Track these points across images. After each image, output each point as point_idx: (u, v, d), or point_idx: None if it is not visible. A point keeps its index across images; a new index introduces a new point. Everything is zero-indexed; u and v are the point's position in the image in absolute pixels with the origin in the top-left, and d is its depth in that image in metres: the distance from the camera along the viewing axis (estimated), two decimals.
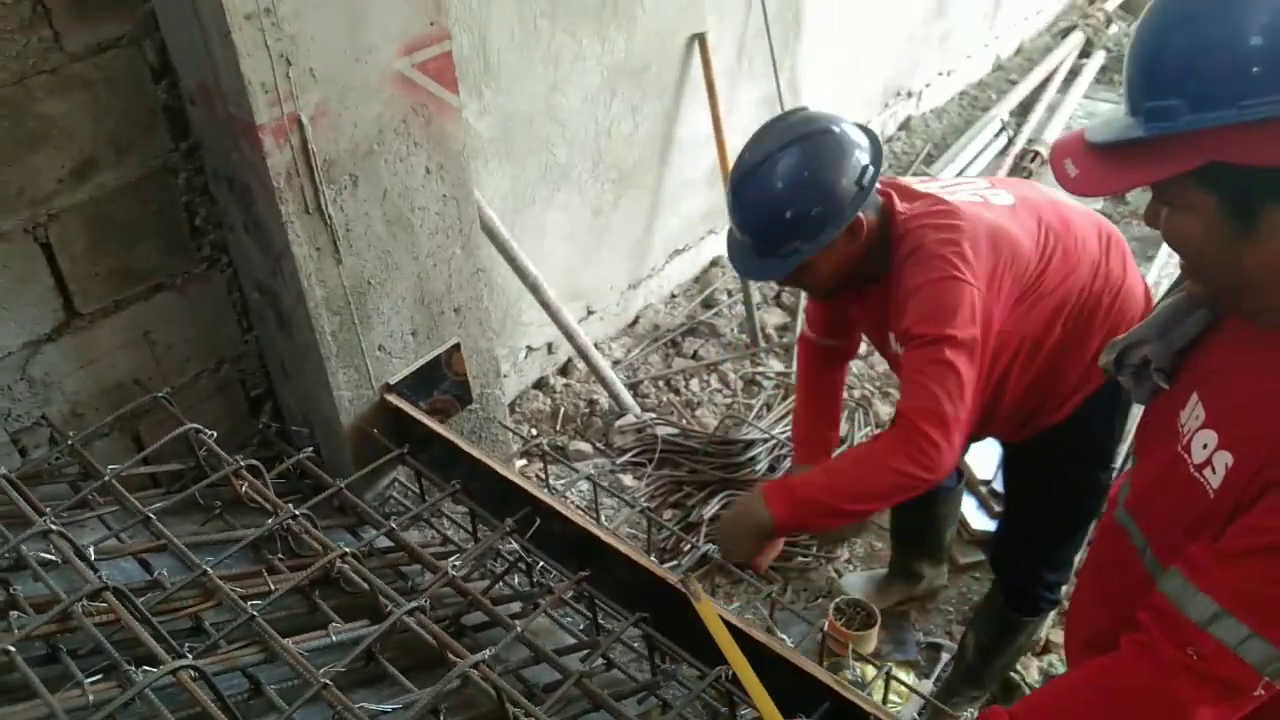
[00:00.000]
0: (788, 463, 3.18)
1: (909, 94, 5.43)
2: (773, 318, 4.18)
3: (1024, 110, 5.59)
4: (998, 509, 3.07)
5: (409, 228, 2.16)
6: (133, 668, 1.38)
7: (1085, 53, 6.20)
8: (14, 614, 1.46)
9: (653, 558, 1.93)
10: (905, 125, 5.51)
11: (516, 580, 2.19)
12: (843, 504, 1.90)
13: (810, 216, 1.87)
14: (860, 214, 1.90)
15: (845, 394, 3.61)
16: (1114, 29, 6.36)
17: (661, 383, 3.86)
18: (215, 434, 1.94)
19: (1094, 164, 1.18)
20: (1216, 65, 1.08)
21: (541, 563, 2.10)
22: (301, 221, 1.93)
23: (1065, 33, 6.39)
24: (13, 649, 1.27)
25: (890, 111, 5.34)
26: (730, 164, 3.97)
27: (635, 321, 4.19)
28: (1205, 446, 1.23)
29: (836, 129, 1.91)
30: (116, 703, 1.21)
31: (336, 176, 1.95)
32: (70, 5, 1.77)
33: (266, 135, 1.80)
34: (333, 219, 1.98)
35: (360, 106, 1.93)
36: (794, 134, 1.89)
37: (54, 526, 1.49)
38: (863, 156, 1.89)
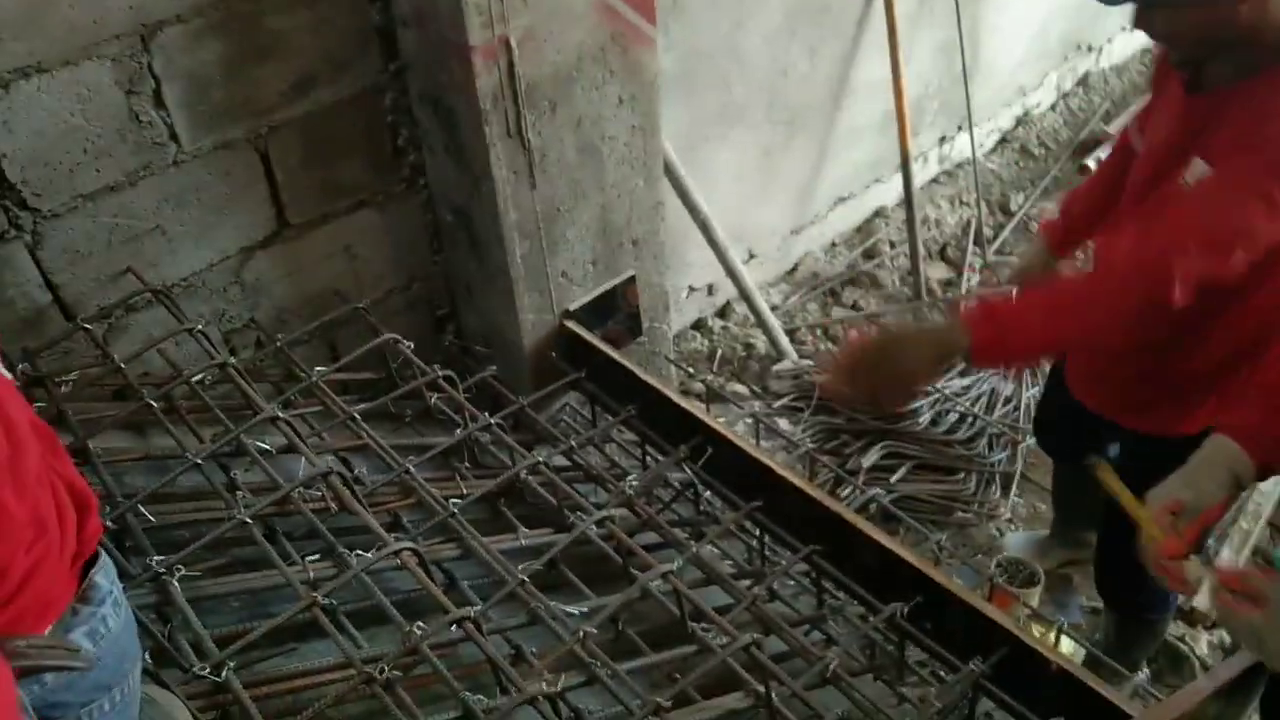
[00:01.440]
0: (953, 417, 3.14)
1: (1089, 48, 5.17)
2: (937, 272, 4.09)
3: None
4: None
5: (598, 156, 2.20)
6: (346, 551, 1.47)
7: None
8: (238, 494, 1.58)
9: None
10: (1083, 81, 5.25)
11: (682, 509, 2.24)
12: (1059, 328, 1.58)
13: None
14: None
15: None
16: None
17: (819, 331, 3.84)
18: (411, 345, 2.04)
19: None
20: None
21: (706, 493, 2.14)
22: (503, 144, 1.98)
23: None
24: (250, 520, 1.37)
25: (1069, 66, 5.09)
26: (906, 110, 3.91)
27: (795, 268, 4.15)
28: None
29: None
30: (344, 578, 1.29)
31: (537, 101, 2.00)
32: None
33: (477, 57, 1.85)
34: (530, 144, 2.03)
35: (564, 32, 1.97)
36: None
37: (280, 414, 1.59)
38: None
